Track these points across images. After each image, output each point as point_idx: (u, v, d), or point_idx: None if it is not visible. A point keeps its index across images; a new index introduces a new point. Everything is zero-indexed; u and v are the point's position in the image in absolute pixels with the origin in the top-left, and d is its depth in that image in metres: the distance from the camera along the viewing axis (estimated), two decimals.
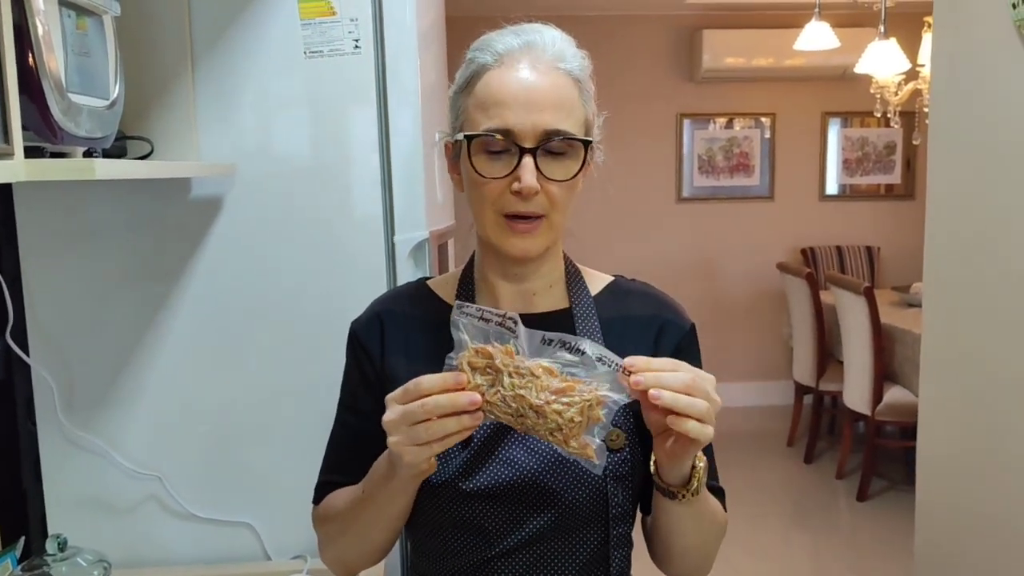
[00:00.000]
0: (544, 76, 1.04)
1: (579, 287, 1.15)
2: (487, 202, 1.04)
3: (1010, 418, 1.64)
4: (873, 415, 4.11)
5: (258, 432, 1.74)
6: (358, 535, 1.11)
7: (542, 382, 0.89)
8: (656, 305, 1.17)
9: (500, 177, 1.02)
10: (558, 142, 1.02)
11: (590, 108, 1.08)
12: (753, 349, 5.91)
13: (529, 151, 1.01)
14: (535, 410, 0.89)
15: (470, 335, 0.92)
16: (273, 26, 1.65)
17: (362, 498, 1.06)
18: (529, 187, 1.01)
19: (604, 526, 1.08)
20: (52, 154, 1.19)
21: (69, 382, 1.70)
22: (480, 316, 0.92)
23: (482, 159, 1.03)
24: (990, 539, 1.71)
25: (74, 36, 1.19)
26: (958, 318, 1.81)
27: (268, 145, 1.69)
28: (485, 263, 1.13)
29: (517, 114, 1.01)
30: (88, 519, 1.72)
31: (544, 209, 1.04)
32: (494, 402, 0.90)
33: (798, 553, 3.86)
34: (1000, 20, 1.59)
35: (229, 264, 1.70)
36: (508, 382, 0.89)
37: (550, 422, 0.89)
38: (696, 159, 5.82)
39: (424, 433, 0.89)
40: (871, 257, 5.77)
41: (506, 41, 1.06)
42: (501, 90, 1.03)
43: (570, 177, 1.04)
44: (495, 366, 0.90)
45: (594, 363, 0.91)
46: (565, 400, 0.89)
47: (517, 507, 1.06)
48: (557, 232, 1.08)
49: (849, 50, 4.50)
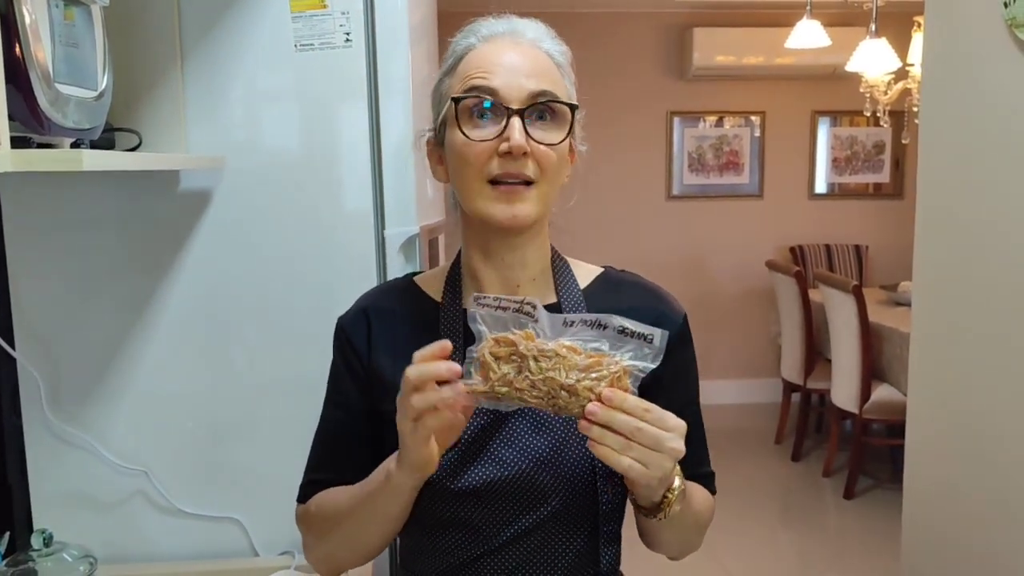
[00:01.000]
0: (526, 52, 1.07)
1: (567, 280, 1.14)
2: (473, 169, 1.04)
3: (997, 417, 1.65)
4: (860, 413, 4.13)
5: (246, 427, 1.73)
6: (353, 536, 1.10)
7: (569, 361, 0.89)
8: (649, 296, 1.17)
9: (488, 140, 1.02)
10: (544, 104, 1.04)
11: (571, 91, 1.10)
12: (741, 347, 5.93)
13: (517, 111, 1.02)
14: (566, 389, 0.89)
15: (488, 326, 0.92)
16: (263, 18, 1.64)
17: (361, 498, 1.05)
18: (518, 145, 1.00)
19: (594, 523, 1.08)
20: (39, 145, 1.17)
21: (55, 376, 1.68)
22: (498, 305, 0.92)
23: (468, 124, 1.04)
24: (976, 536, 1.71)
25: (62, 26, 1.18)
26: (947, 317, 1.82)
27: (258, 138, 1.68)
28: (470, 249, 1.12)
29: (503, 76, 1.03)
30: (74, 514, 1.71)
31: (533, 174, 1.03)
32: (523, 388, 0.89)
33: (785, 551, 3.87)
34: (991, 19, 1.60)
35: (217, 258, 1.69)
36: (535, 366, 0.89)
37: (583, 399, 0.89)
38: (686, 157, 5.83)
39: (416, 403, 0.89)
40: (859, 256, 5.80)
41: (489, 25, 1.10)
42: (486, 59, 1.06)
43: (559, 141, 1.04)
44: (519, 352, 0.89)
45: (615, 336, 0.91)
46: (594, 375, 0.89)
47: (507, 505, 1.05)
48: (545, 204, 1.07)
49: (839, 49, 4.52)
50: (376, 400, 1.11)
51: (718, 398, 5.55)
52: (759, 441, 5.15)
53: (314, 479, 1.17)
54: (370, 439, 1.13)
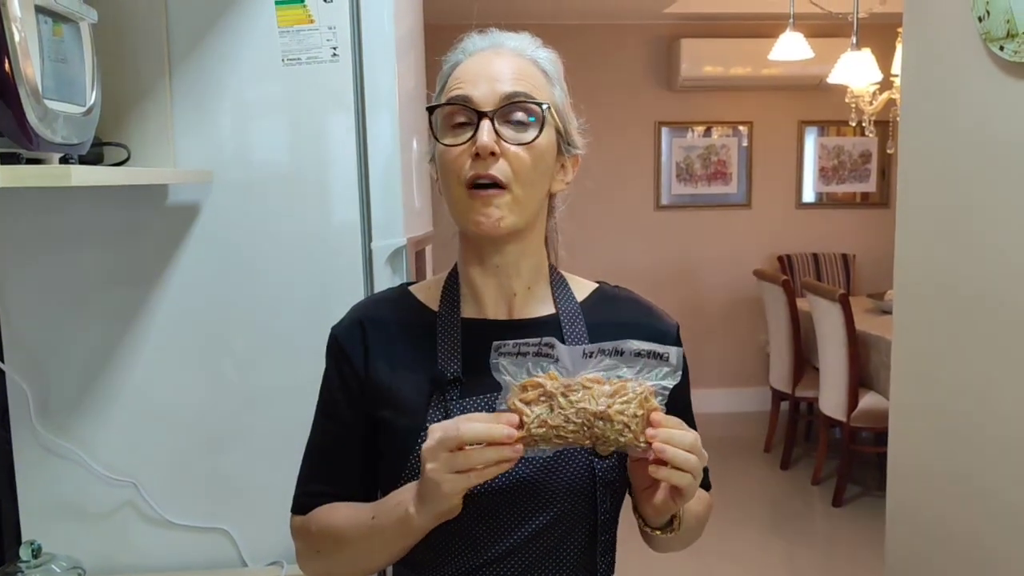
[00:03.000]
0: (506, 59, 1.08)
1: (565, 293, 1.16)
2: (453, 175, 1.05)
3: (978, 424, 1.67)
4: (848, 421, 4.15)
5: (234, 438, 1.73)
6: (358, 559, 1.10)
7: (595, 391, 0.92)
8: (642, 311, 1.19)
9: (462, 143, 1.04)
10: (516, 105, 1.04)
11: (563, 102, 1.12)
12: (730, 355, 5.95)
13: (486, 114, 1.03)
14: (600, 417, 0.92)
15: (512, 374, 0.94)
16: (251, 33, 1.66)
17: (372, 525, 1.04)
18: (484, 144, 1.01)
19: (592, 532, 1.09)
20: (28, 160, 1.18)
21: (44, 388, 1.69)
22: (517, 351, 0.94)
23: (447, 133, 1.06)
24: (959, 543, 1.73)
25: (51, 42, 1.20)
26: (927, 324, 1.84)
27: (245, 152, 1.69)
28: (466, 261, 1.14)
29: (477, 85, 1.05)
30: (63, 525, 1.71)
31: (506, 177, 1.03)
32: (559, 424, 0.92)
33: (774, 559, 3.88)
34: (966, 33, 1.63)
35: (206, 270, 1.70)
36: (565, 401, 0.92)
37: (616, 423, 0.92)
38: (674, 167, 5.86)
39: (463, 460, 0.91)
40: (847, 264, 5.83)
41: (474, 41, 1.11)
42: (466, 72, 1.08)
43: (529, 141, 1.04)
44: (547, 392, 0.92)
45: (634, 359, 0.95)
46: (623, 400, 0.92)
47: (507, 514, 1.06)
48: (525, 210, 1.07)
49: (825, 60, 4.55)
50: (372, 408, 1.11)
51: (707, 407, 5.55)
52: (748, 449, 5.17)
53: (311, 491, 1.16)
54: (364, 449, 1.13)
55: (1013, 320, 1.55)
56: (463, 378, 1.07)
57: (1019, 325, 1.54)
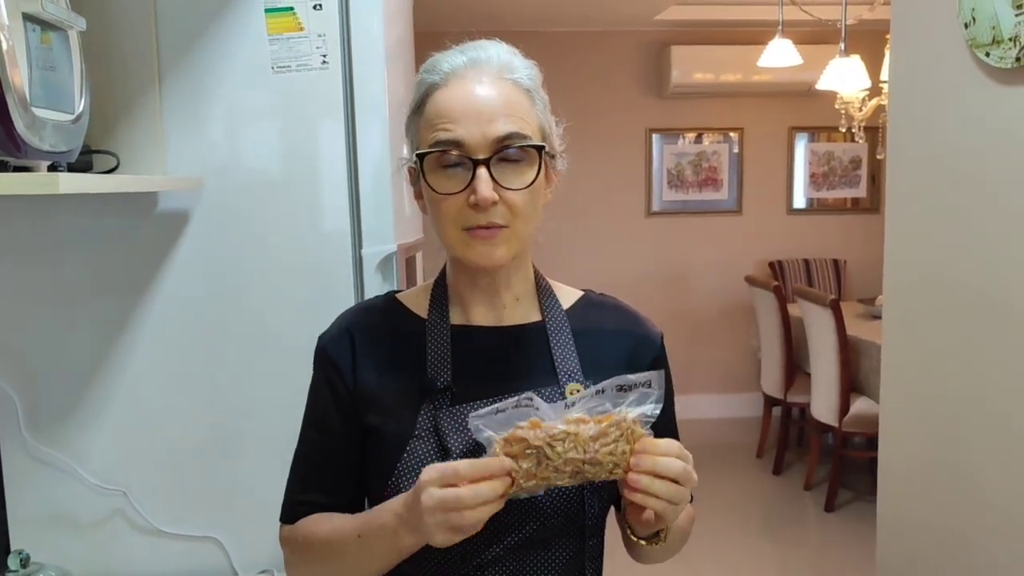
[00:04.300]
0: (491, 87, 1.03)
1: (551, 300, 1.16)
2: (448, 219, 1.03)
3: (969, 428, 1.67)
4: (840, 426, 4.16)
5: (225, 446, 1.73)
6: (344, 572, 1.09)
7: (581, 436, 0.91)
8: (627, 319, 1.19)
9: (456, 192, 1.01)
10: (511, 150, 1.01)
11: (545, 117, 1.08)
12: (722, 361, 5.96)
13: (482, 162, 1.00)
14: (589, 463, 0.91)
15: (494, 429, 0.92)
16: (241, 41, 1.66)
17: (358, 542, 1.04)
18: (484, 198, 0.99)
19: (580, 538, 1.09)
20: (16, 168, 1.18)
21: (33, 397, 1.68)
22: (495, 411, 0.92)
23: (437, 176, 1.03)
24: (951, 548, 1.74)
25: (39, 50, 1.19)
26: (917, 329, 1.85)
27: (236, 159, 1.69)
28: (456, 275, 1.13)
29: (466, 126, 1.01)
30: (52, 535, 1.70)
31: (505, 219, 1.02)
32: (548, 476, 0.91)
33: (766, 564, 3.88)
34: (953, 40, 1.64)
35: (196, 278, 1.70)
36: (552, 452, 0.91)
37: (606, 464, 0.92)
38: (665, 173, 5.88)
39: (468, 519, 0.90)
40: (838, 270, 5.85)
41: (451, 59, 1.06)
42: (449, 105, 1.03)
43: (527, 185, 1.03)
44: (532, 445, 0.91)
45: (614, 393, 0.93)
46: (609, 440, 0.91)
47: (495, 521, 1.02)
48: (523, 241, 1.07)
49: (814, 66, 4.57)
50: (360, 415, 1.10)
51: (699, 413, 5.57)
52: (740, 455, 5.17)
53: (298, 499, 1.15)
54: (351, 458, 1.12)
55: (1003, 324, 1.56)
56: (453, 387, 1.07)
57: (1009, 329, 1.55)
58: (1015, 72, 1.49)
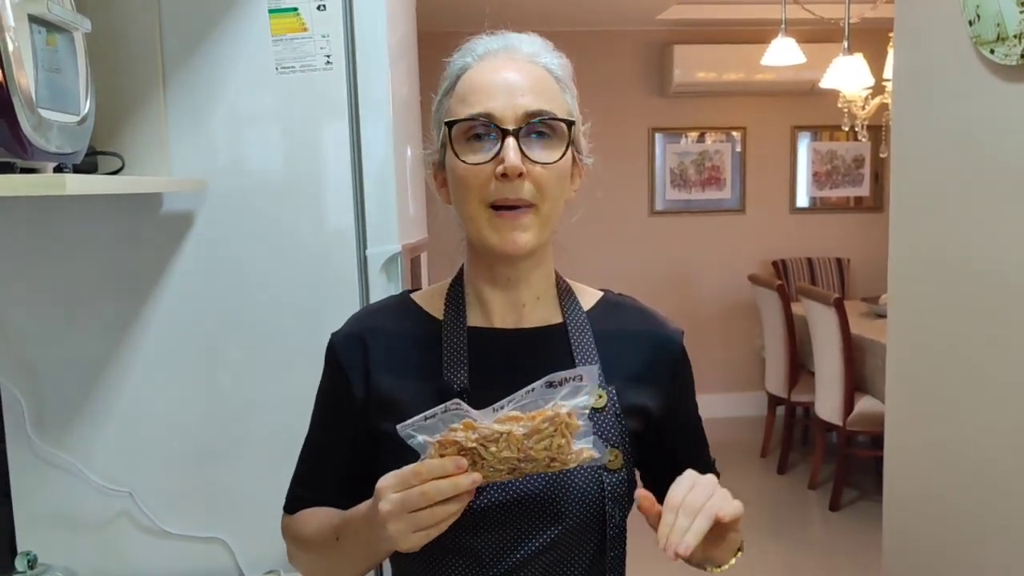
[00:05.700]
0: (523, 68, 1.04)
1: (571, 302, 1.14)
2: (472, 193, 1.02)
3: (976, 426, 1.67)
4: (844, 425, 4.15)
5: (231, 447, 1.73)
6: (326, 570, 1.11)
7: (515, 435, 0.90)
8: (648, 319, 1.18)
9: (484, 162, 1.00)
10: (541, 123, 1.01)
11: (574, 107, 1.09)
12: (726, 361, 5.95)
13: (512, 132, 1.00)
14: (523, 460, 0.91)
15: (427, 432, 0.91)
16: (244, 42, 1.66)
17: (336, 544, 1.04)
18: (513, 166, 0.98)
19: (600, 548, 1.07)
20: (22, 169, 1.18)
21: (38, 398, 1.69)
22: (424, 418, 0.90)
23: (465, 148, 1.02)
24: (957, 546, 1.73)
25: (44, 52, 1.20)
26: (922, 327, 1.85)
27: (240, 160, 1.69)
28: (475, 272, 1.11)
29: (497, 99, 1.01)
30: (58, 536, 1.71)
31: (532, 197, 1.01)
32: (488, 474, 0.91)
33: (772, 563, 3.88)
34: (957, 37, 1.63)
35: (201, 279, 1.70)
36: (486, 452, 0.90)
37: (542, 459, 0.91)
38: (668, 173, 5.88)
39: (428, 518, 0.88)
40: (841, 269, 5.84)
41: (486, 43, 1.08)
42: (481, 80, 1.03)
43: (555, 160, 1.02)
44: (465, 448, 0.89)
45: (546, 391, 0.91)
46: (544, 436, 0.90)
47: (512, 530, 1.03)
48: (548, 227, 1.05)
49: (817, 65, 4.57)
50: (376, 422, 1.08)
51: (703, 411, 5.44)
52: (745, 454, 5.17)
53: (297, 493, 1.17)
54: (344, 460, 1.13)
55: (1008, 322, 1.56)
56: (470, 389, 1.05)
57: (1016, 326, 1.54)
58: (1020, 69, 1.49)
